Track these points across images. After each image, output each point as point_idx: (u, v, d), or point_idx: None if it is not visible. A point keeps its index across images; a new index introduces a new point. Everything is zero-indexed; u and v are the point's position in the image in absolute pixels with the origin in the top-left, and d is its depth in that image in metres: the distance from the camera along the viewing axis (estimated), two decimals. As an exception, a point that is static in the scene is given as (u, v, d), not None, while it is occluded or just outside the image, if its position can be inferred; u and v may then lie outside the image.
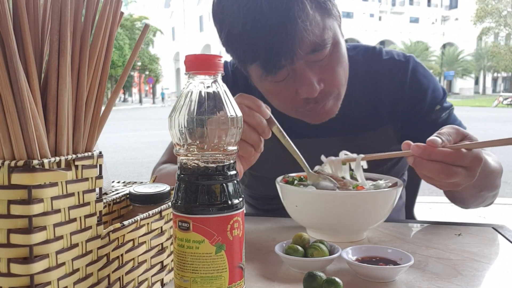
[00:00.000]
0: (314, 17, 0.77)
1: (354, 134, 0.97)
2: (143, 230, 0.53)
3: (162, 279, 0.59)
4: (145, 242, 0.54)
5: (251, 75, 0.88)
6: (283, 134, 0.78)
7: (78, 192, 0.43)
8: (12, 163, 0.38)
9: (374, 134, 0.97)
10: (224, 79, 0.48)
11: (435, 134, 0.70)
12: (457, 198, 0.91)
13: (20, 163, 0.38)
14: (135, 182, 0.71)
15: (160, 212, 0.56)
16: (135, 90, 44.93)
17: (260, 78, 0.84)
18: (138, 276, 0.53)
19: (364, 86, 0.95)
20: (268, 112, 0.76)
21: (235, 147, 0.47)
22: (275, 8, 0.75)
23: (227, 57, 1.05)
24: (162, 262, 0.58)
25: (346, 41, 0.91)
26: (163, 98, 37.99)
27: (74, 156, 0.43)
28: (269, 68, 0.80)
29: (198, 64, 0.46)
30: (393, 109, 0.97)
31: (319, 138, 0.97)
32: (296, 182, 0.81)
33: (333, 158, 0.83)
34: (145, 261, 0.54)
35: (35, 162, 0.38)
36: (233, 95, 0.50)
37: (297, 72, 0.81)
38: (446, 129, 0.72)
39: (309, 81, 0.81)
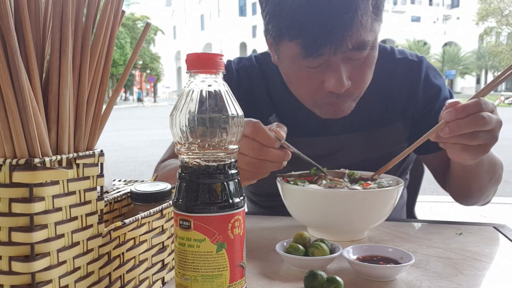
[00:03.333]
0: (370, 15, 0.76)
1: (364, 131, 0.97)
2: (144, 229, 0.53)
3: (163, 277, 0.59)
4: (146, 240, 0.54)
5: (282, 52, 0.84)
6: (299, 154, 0.77)
7: (79, 191, 0.43)
8: (14, 162, 0.38)
9: (384, 131, 0.98)
10: (228, 78, 0.48)
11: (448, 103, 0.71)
12: (468, 189, 0.93)
13: (22, 161, 0.38)
14: (136, 181, 0.71)
15: (161, 210, 0.56)
16: (136, 88, 44.98)
17: (291, 58, 0.82)
18: (139, 275, 0.53)
19: (377, 84, 0.92)
20: (280, 141, 0.72)
21: (236, 146, 0.47)
22: None
23: (228, 57, 1.05)
24: (163, 260, 0.58)
25: None
26: (139, 99, 35.43)
27: (75, 154, 0.43)
28: (310, 51, 0.77)
29: (199, 62, 0.46)
30: (405, 107, 0.98)
31: (329, 136, 0.97)
32: (295, 179, 0.81)
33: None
34: (146, 259, 0.54)
35: (37, 160, 0.38)
36: (236, 94, 0.50)
37: (331, 64, 0.80)
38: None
39: (339, 76, 0.80)
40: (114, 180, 0.72)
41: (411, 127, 0.99)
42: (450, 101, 0.71)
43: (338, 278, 0.54)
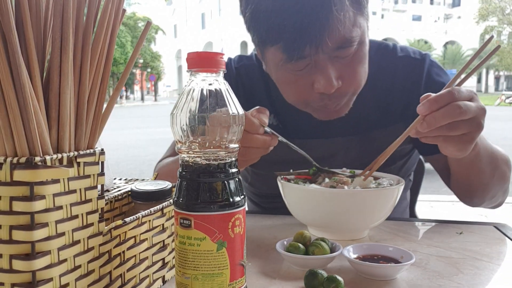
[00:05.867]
0: (348, 10, 0.74)
1: (364, 133, 0.95)
2: (144, 227, 0.53)
3: (164, 276, 0.59)
4: (146, 239, 0.54)
5: (268, 59, 0.84)
6: (286, 142, 0.76)
7: (80, 189, 0.43)
8: (14, 160, 0.38)
9: (384, 132, 0.95)
10: (227, 77, 0.48)
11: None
12: (468, 185, 0.90)
13: (22, 159, 0.38)
14: (137, 179, 0.71)
15: (162, 209, 0.56)
16: (137, 87, 44.94)
17: (277, 64, 0.81)
18: (139, 273, 0.53)
19: (376, 83, 0.90)
20: (263, 127, 0.71)
21: (236, 145, 0.47)
22: None
23: (229, 55, 1.05)
24: (163, 259, 0.58)
25: None
26: (121, 97, 33.89)
27: (76, 153, 0.43)
28: (291, 53, 0.76)
29: (200, 61, 0.46)
30: (406, 107, 0.94)
31: (328, 139, 0.96)
32: (295, 179, 0.81)
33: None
34: (147, 258, 0.54)
35: (37, 159, 0.38)
36: (236, 93, 0.50)
37: (318, 65, 0.78)
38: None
39: (328, 76, 0.78)
40: (114, 179, 0.72)
41: None
42: (424, 95, 0.69)
43: (338, 277, 0.54)
